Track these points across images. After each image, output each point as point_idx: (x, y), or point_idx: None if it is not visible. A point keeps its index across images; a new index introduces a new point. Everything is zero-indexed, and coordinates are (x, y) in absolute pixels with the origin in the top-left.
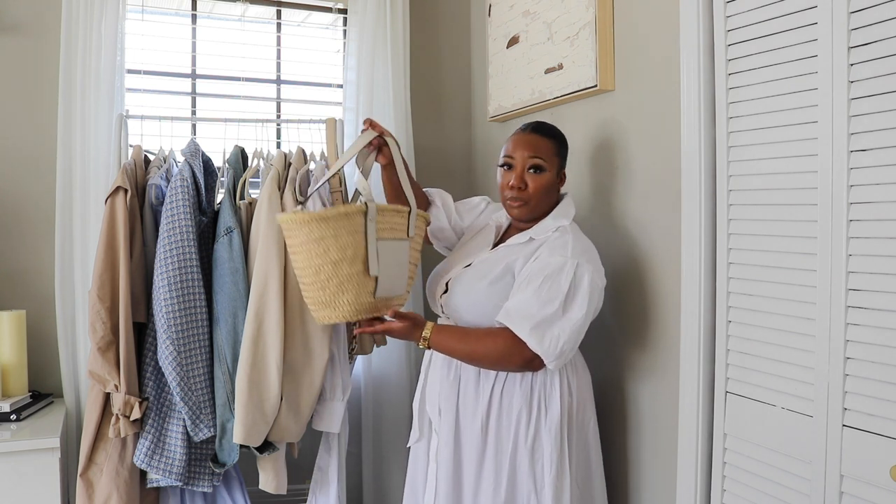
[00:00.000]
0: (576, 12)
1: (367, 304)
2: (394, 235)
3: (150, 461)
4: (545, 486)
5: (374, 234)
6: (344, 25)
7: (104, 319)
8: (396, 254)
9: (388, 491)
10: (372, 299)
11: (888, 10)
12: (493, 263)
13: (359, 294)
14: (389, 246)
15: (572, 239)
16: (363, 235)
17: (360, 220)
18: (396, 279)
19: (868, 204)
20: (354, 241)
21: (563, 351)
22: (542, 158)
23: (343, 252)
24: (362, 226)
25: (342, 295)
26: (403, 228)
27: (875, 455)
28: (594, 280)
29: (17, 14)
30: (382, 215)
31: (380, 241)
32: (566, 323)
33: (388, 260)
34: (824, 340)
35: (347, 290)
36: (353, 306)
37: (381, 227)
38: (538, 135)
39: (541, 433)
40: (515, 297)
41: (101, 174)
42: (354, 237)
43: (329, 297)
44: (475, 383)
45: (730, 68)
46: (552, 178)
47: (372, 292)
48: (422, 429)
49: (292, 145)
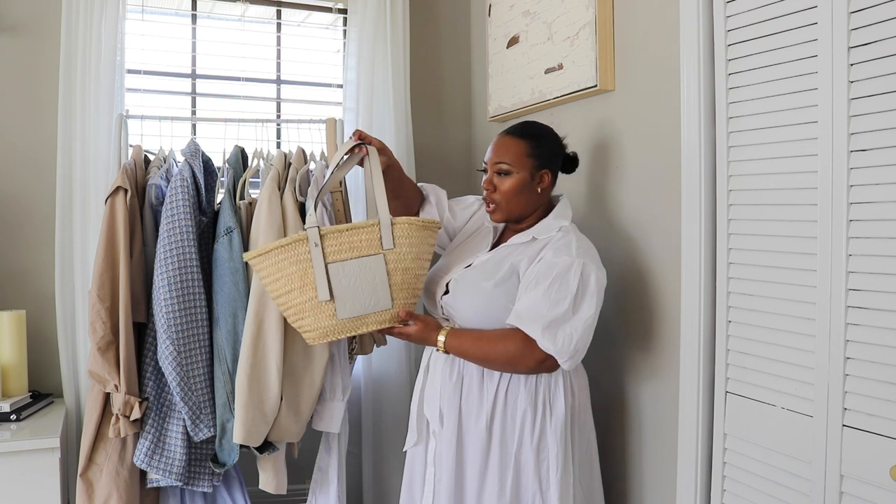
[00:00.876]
0: (576, 12)
1: (331, 325)
2: (356, 254)
3: (150, 461)
4: (551, 486)
5: (320, 260)
6: (344, 25)
7: (104, 319)
8: (361, 271)
9: (388, 491)
10: (336, 322)
11: (888, 10)
12: (496, 264)
13: (317, 318)
14: (348, 266)
15: (575, 239)
16: (310, 262)
17: (303, 248)
18: (367, 295)
19: (868, 204)
20: (301, 270)
21: (577, 350)
22: (507, 162)
23: (290, 282)
24: (307, 253)
25: (304, 321)
26: (372, 243)
27: (875, 455)
28: (599, 279)
29: (17, 14)
30: (333, 237)
31: (333, 263)
32: (577, 322)
33: (348, 280)
34: (824, 340)
35: (305, 317)
36: (319, 330)
37: (335, 250)
38: (511, 136)
39: (546, 433)
40: (524, 298)
41: (101, 174)
42: (300, 266)
43: (297, 323)
44: (479, 384)
45: (730, 68)
46: (522, 179)
47: (332, 315)
48: (420, 432)
49: (292, 145)
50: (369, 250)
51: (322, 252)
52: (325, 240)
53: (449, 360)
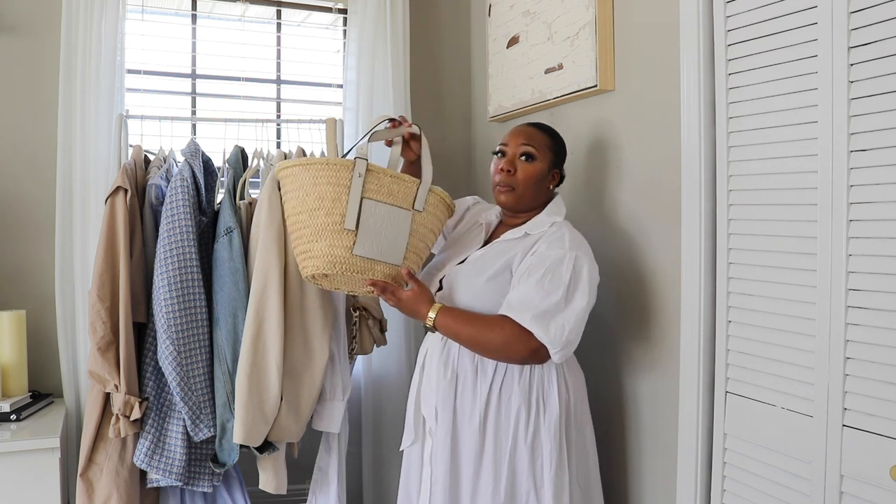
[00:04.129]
0: (576, 12)
1: (342, 257)
2: (390, 200)
3: (150, 461)
4: (545, 483)
5: (358, 190)
6: (344, 25)
7: (104, 319)
8: (389, 218)
9: (387, 491)
10: (349, 254)
11: (888, 10)
12: (490, 259)
13: (333, 245)
14: (380, 208)
15: (568, 233)
16: (347, 189)
17: (346, 174)
18: (386, 244)
19: (868, 204)
20: (334, 192)
21: (569, 340)
22: (535, 147)
23: (320, 201)
24: (348, 180)
25: (316, 244)
26: (407, 198)
27: (875, 455)
28: (592, 272)
29: (17, 14)
30: (377, 176)
31: (367, 199)
32: (570, 313)
33: (375, 221)
34: (824, 340)
35: (321, 239)
36: (327, 257)
37: (373, 189)
38: (536, 128)
39: (540, 430)
40: (517, 289)
41: (101, 174)
42: (335, 188)
43: (306, 245)
44: (473, 381)
45: (730, 68)
46: (542, 169)
47: (349, 247)
48: (416, 431)
49: (292, 145)
50: (403, 203)
51: (362, 185)
52: (369, 175)
53: (443, 358)
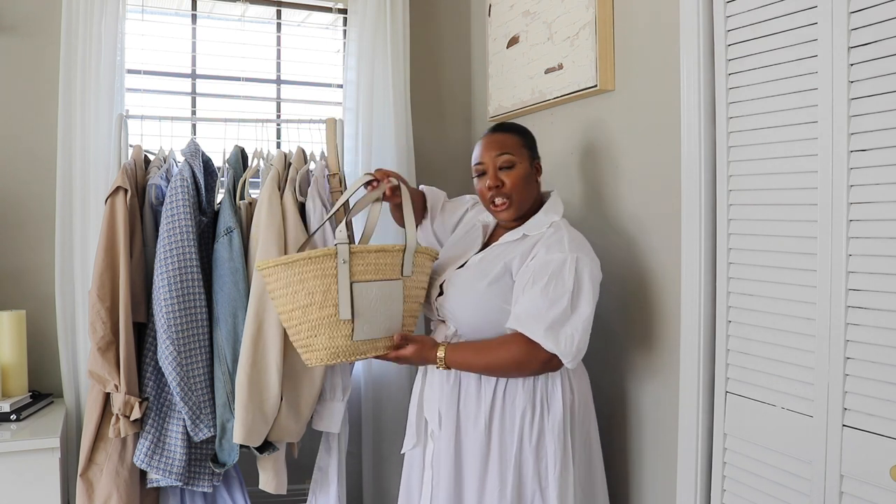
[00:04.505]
0: (576, 12)
1: (344, 346)
2: (378, 276)
3: (150, 461)
4: (549, 484)
5: (346, 277)
6: (344, 25)
7: (104, 319)
8: (382, 294)
9: (387, 491)
10: (350, 342)
11: (888, 10)
12: (489, 263)
13: (332, 337)
14: (371, 287)
15: (567, 234)
16: (335, 278)
17: (331, 263)
18: (383, 319)
19: (868, 204)
20: (324, 285)
21: (580, 348)
22: (510, 153)
23: (311, 296)
24: (334, 269)
25: (315, 338)
26: (394, 268)
27: (875, 455)
28: (593, 272)
29: (17, 14)
30: (361, 257)
31: (357, 283)
32: (577, 320)
33: (369, 302)
34: (824, 340)
35: (320, 334)
36: (328, 350)
37: (361, 269)
38: (501, 133)
39: (545, 432)
40: (522, 300)
41: (101, 174)
42: (324, 280)
43: (305, 340)
44: (476, 387)
45: (730, 68)
46: (526, 169)
47: (349, 335)
48: (418, 434)
49: (292, 145)
50: (391, 275)
51: (349, 269)
52: (353, 257)
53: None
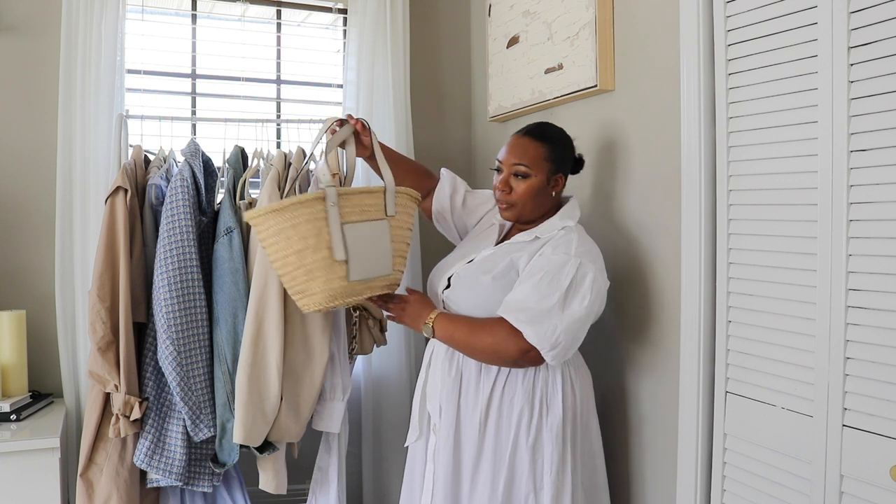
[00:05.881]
0: (576, 12)
1: (340, 287)
2: (366, 217)
3: (150, 461)
4: (545, 486)
5: (336, 219)
6: (344, 25)
7: (104, 319)
8: (372, 235)
9: (387, 491)
10: (346, 283)
11: (888, 10)
12: (496, 259)
13: (328, 280)
14: (361, 228)
15: (577, 239)
16: (326, 221)
17: (320, 206)
18: (376, 260)
19: (868, 204)
20: (316, 228)
21: (559, 343)
22: (527, 165)
23: (304, 240)
24: (323, 212)
25: (311, 282)
26: (379, 208)
27: (875, 455)
28: (597, 281)
29: (17, 14)
30: (348, 199)
31: (347, 224)
32: (565, 318)
33: (361, 242)
34: (824, 340)
35: (316, 277)
36: (325, 293)
37: (349, 211)
38: (530, 139)
39: (542, 433)
40: (515, 290)
41: (101, 174)
42: (315, 224)
43: (301, 285)
44: (476, 380)
45: (730, 68)
46: (538, 183)
47: (344, 276)
48: (421, 427)
49: (292, 145)
50: (377, 215)
51: (338, 211)
52: (341, 199)
53: (448, 356)
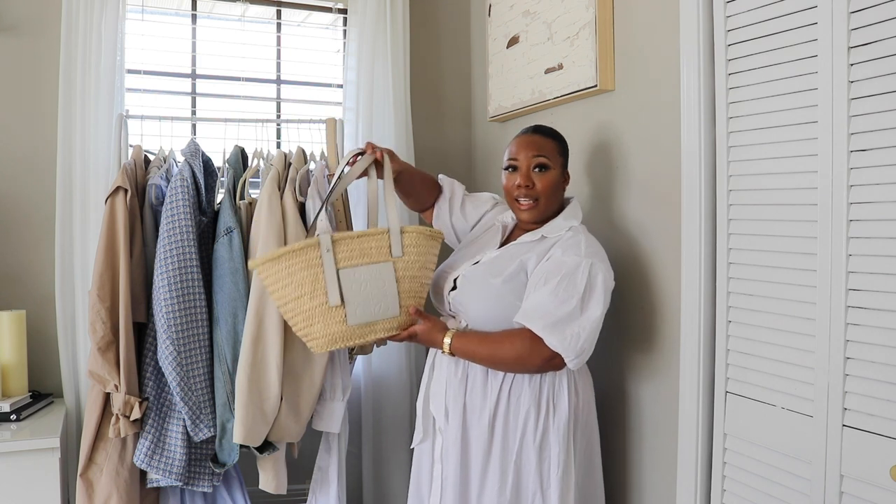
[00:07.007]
0: (576, 12)
1: (340, 332)
2: (367, 260)
3: (150, 461)
4: (551, 485)
5: (331, 265)
6: (344, 25)
7: (104, 319)
8: (371, 278)
9: (388, 491)
10: (345, 327)
11: (888, 10)
12: (506, 261)
13: (327, 324)
14: (358, 272)
15: (585, 239)
16: (321, 267)
17: (315, 253)
18: (378, 302)
19: (868, 204)
20: (312, 275)
21: (584, 349)
22: (547, 157)
23: (301, 287)
24: (318, 259)
25: (311, 327)
26: (382, 250)
27: (875, 455)
28: (606, 280)
29: (17, 14)
30: (345, 244)
31: (344, 269)
32: (585, 321)
33: (358, 286)
34: (824, 340)
35: (314, 323)
36: (326, 337)
37: (347, 255)
38: (540, 135)
39: (549, 432)
40: (532, 296)
41: (101, 174)
42: (311, 271)
43: (304, 330)
44: (483, 381)
45: (730, 68)
46: (557, 176)
47: (343, 321)
48: (426, 429)
49: (292, 145)
50: (379, 257)
51: (333, 257)
52: (336, 245)
53: (453, 358)
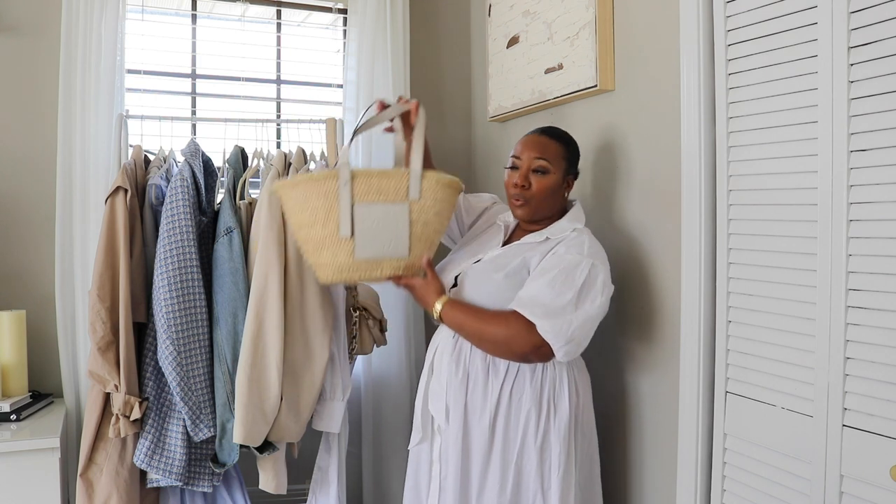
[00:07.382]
0: (576, 12)
1: (348, 264)
2: (381, 199)
3: (150, 461)
4: (552, 486)
5: (347, 198)
6: (344, 25)
7: (104, 319)
8: (385, 216)
9: (388, 491)
10: (352, 260)
11: (888, 10)
12: (508, 258)
13: (335, 253)
14: (373, 209)
15: (588, 241)
16: (336, 199)
17: (332, 184)
18: (387, 240)
19: (868, 204)
20: (325, 205)
21: (573, 338)
22: (547, 161)
23: (313, 215)
24: (335, 190)
25: (319, 255)
26: (399, 192)
27: (875, 455)
28: (606, 283)
29: (17, 14)
30: (363, 179)
31: (359, 204)
32: (579, 315)
33: (371, 222)
34: (824, 340)
35: (323, 250)
36: (333, 266)
37: (362, 192)
38: (547, 137)
39: (550, 433)
40: (528, 286)
41: (101, 174)
42: (325, 201)
43: (312, 256)
44: (484, 381)
45: (730, 68)
46: (556, 181)
47: (350, 253)
48: (424, 429)
49: (292, 145)
50: (396, 197)
51: (350, 192)
52: (354, 180)
53: (455, 356)
